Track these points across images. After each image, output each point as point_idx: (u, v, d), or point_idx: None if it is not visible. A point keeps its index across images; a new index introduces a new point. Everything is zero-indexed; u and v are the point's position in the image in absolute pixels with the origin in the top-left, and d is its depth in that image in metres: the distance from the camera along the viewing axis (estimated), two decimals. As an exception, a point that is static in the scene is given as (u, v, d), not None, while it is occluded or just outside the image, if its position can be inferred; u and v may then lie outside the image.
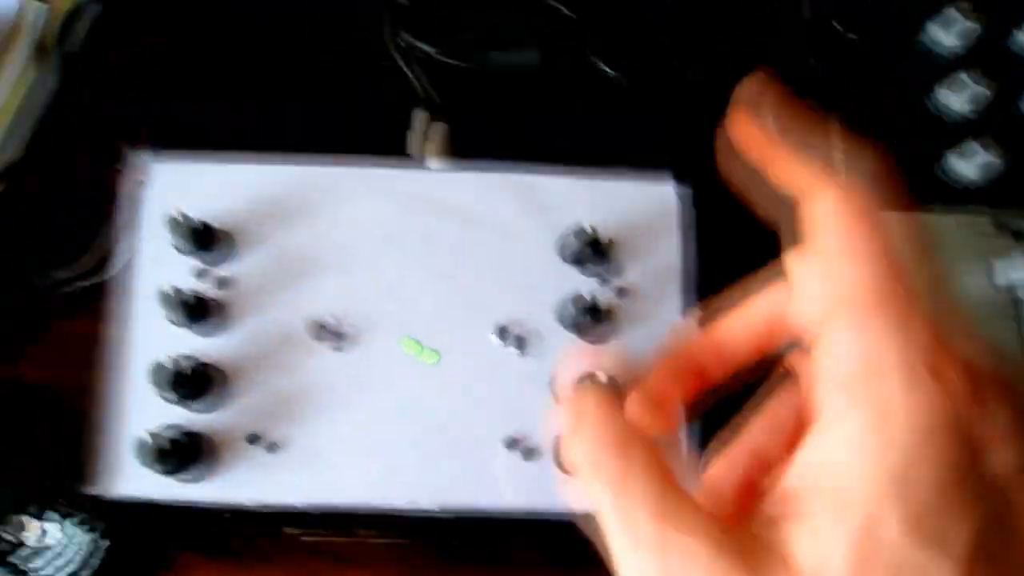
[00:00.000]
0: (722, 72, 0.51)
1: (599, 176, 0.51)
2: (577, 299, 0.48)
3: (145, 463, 0.45)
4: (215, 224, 0.49)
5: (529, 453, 0.47)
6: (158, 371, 0.46)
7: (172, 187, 0.51)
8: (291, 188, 0.51)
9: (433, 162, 0.54)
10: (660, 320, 0.49)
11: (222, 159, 0.52)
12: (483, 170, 0.52)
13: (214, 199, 0.51)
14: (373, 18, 0.58)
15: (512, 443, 0.48)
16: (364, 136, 0.55)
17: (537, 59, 0.57)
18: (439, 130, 0.55)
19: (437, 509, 0.47)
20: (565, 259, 0.50)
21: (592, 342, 0.49)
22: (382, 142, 0.55)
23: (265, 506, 0.47)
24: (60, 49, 0.59)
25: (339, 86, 0.58)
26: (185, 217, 0.48)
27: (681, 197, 0.51)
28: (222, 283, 0.49)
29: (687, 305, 0.49)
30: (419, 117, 0.56)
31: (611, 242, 0.49)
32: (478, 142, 0.55)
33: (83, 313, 0.51)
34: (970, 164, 0.56)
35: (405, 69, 0.57)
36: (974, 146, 0.56)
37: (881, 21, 0.58)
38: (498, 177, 0.51)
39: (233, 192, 0.51)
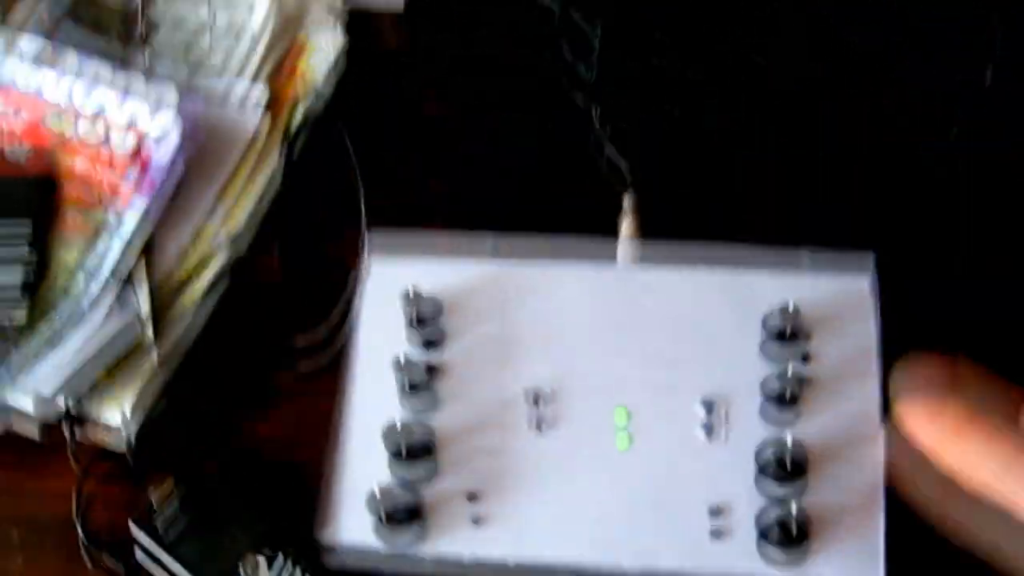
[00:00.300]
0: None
1: (795, 261, 0.54)
2: (778, 379, 0.50)
3: (372, 514, 0.48)
4: (438, 303, 0.54)
5: (729, 523, 0.49)
6: (389, 433, 0.50)
7: (393, 275, 0.56)
8: (502, 281, 0.56)
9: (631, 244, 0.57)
10: (855, 404, 0.51)
11: (439, 252, 0.57)
12: (683, 265, 0.55)
13: (432, 287, 0.55)
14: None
15: (716, 511, 0.49)
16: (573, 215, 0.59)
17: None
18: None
19: (640, 572, 0.49)
20: (766, 343, 0.52)
21: (789, 422, 0.50)
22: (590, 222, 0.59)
23: (478, 563, 0.49)
24: (285, 149, 0.66)
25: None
26: (416, 294, 0.53)
27: (873, 284, 0.53)
28: (439, 362, 0.54)
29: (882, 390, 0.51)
30: (629, 199, 0.59)
31: (810, 327, 0.51)
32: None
33: (317, 381, 0.56)
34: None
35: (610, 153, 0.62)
36: None
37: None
38: (698, 275, 0.55)
39: (449, 283, 0.55)
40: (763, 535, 0.48)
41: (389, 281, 0.55)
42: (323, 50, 0.71)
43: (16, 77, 0.69)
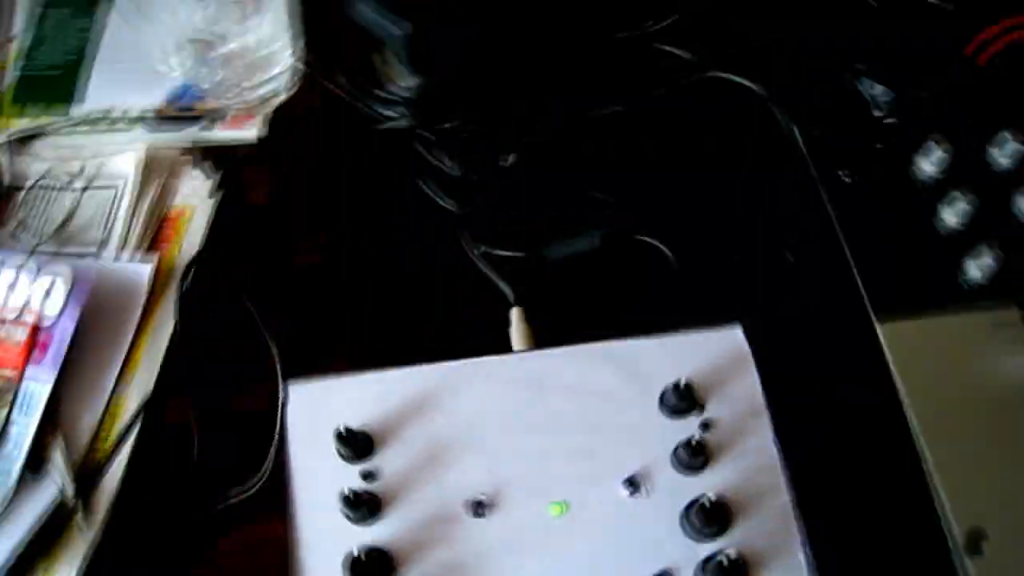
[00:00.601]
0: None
1: (676, 334, 0.61)
2: (686, 446, 0.56)
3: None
4: (358, 428, 0.58)
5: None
6: (349, 563, 0.53)
7: (311, 404, 0.59)
8: (413, 388, 0.60)
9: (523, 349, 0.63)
10: (754, 450, 0.58)
11: (349, 376, 0.61)
12: (577, 347, 0.61)
13: (349, 408, 0.59)
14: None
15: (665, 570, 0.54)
16: (466, 339, 0.64)
17: (599, 242, 0.68)
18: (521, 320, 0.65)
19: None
20: (666, 412, 0.59)
21: (704, 481, 0.56)
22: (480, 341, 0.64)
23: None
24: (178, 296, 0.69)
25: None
26: (348, 429, 0.56)
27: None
28: (374, 476, 0.57)
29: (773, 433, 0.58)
30: (515, 313, 0.65)
31: (702, 389, 0.58)
32: (559, 325, 0.64)
33: (259, 520, 0.59)
34: (978, 266, 0.66)
35: (490, 274, 0.68)
36: (982, 249, 0.66)
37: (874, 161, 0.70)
38: (592, 349, 0.61)
39: (363, 400, 0.60)
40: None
41: (307, 417, 0.59)
42: (200, 216, 0.74)
43: None
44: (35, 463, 0.63)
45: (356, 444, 0.57)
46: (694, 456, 0.56)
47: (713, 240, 0.68)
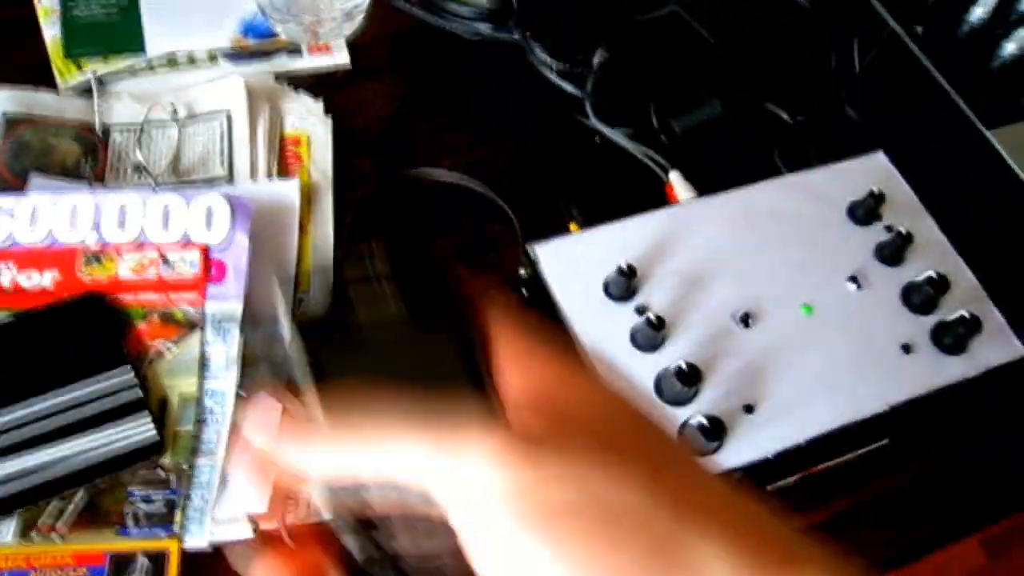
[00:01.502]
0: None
1: (834, 163, 0.71)
2: (888, 243, 0.66)
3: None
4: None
5: (909, 349, 0.64)
6: (675, 373, 0.58)
7: (562, 259, 0.64)
8: (644, 233, 0.66)
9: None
10: (931, 243, 0.69)
11: (583, 232, 0.65)
12: (763, 183, 0.69)
13: (598, 257, 0.64)
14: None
15: (906, 347, 0.64)
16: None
17: (720, 109, 0.76)
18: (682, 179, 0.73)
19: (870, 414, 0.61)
20: (855, 222, 0.68)
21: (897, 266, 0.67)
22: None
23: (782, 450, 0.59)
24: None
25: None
26: (629, 265, 0.61)
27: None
28: (646, 309, 0.62)
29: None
30: (675, 175, 0.72)
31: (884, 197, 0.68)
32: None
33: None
34: None
35: (635, 150, 0.74)
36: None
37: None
38: (775, 183, 0.69)
39: (608, 249, 0.64)
40: (938, 343, 0.63)
41: (568, 270, 0.63)
42: (318, 139, 0.74)
43: (15, 234, 0.64)
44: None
45: (630, 281, 0.61)
46: (896, 250, 0.66)
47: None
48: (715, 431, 0.56)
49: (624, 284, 0.60)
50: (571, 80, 0.76)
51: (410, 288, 0.36)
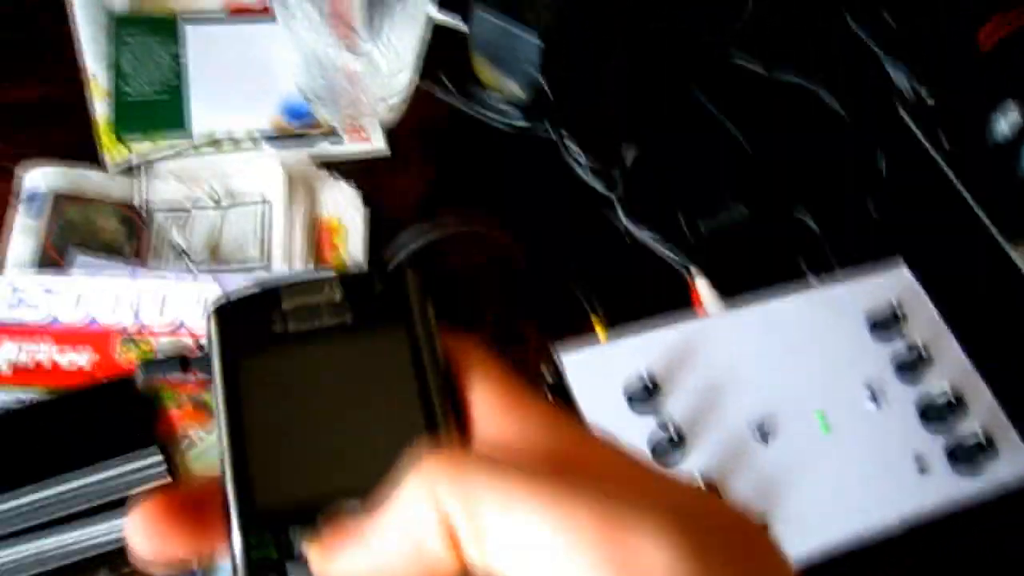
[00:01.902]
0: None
1: (855, 278, 0.72)
2: (906, 361, 0.68)
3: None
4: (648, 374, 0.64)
5: (924, 466, 0.65)
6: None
7: (588, 369, 0.65)
8: (666, 346, 0.67)
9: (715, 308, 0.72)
10: (951, 360, 0.70)
11: (610, 342, 0.67)
12: (785, 298, 0.71)
13: (622, 368, 0.65)
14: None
15: (922, 465, 0.65)
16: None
17: (746, 213, 0.78)
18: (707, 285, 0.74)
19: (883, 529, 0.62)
20: (875, 337, 0.70)
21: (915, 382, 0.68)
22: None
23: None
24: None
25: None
26: (652, 379, 0.62)
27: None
28: (666, 423, 0.63)
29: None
30: (700, 280, 0.74)
31: (904, 313, 0.70)
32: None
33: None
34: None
35: (658, 248, 0.76)
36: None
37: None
38: (798, 297, 0.71)
39: (631, 359, 0.66)
40: (953, 461, 0.64)
41: (591, 380, 0.65)
42: (354, 228, 0.76)
43: (58, 315, 0.66)
44: None
45: (652, 395, 0.62)
46: (914, 368, 0.67)
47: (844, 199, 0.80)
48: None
49: (646, 397, 0.62)
50: (601, 177, 0.78)
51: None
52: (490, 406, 0.28)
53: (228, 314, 0.29)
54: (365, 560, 0.25)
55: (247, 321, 0.29)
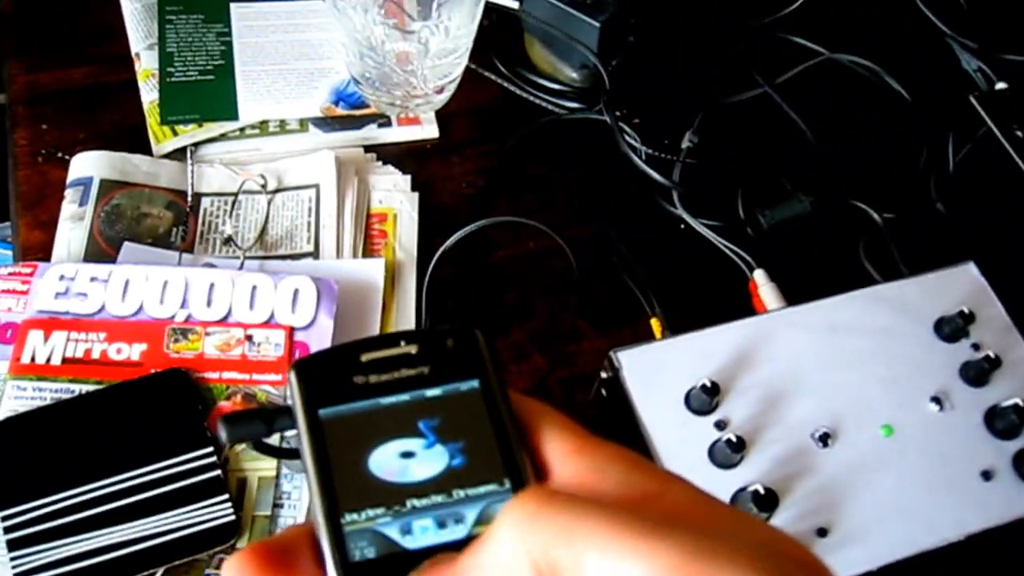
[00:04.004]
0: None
1: (923, 274, 0.70)
2: (974, 363, 0.65)
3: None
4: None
5: (989, 476, 0.63)
6: (751, 497, 0.57)
7: (644, 369, 0.63)
8: (727, 345, 0.65)
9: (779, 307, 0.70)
10: (1019, 362, 0.67)
11: (667, 340, 0.65)
12: (849, 294, 0.68)
13: (679, 368, 0.64)
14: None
15: (986, 474, 0.63)
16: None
17: (808, 206, 0.75)
18: (768, 280, 0.72)
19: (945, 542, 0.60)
20: (941, 338, 0.67)
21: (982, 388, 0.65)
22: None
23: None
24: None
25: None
26: (712, 382, 0.60)
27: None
28: (725, 424, 0.62)
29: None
30: (760, 275, 0.72)
31: (973, 316, 0.67)
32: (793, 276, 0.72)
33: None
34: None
35: (721, 243, 0.73)
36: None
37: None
38: (863, 294, 0.68)
39: (689, 360, 0.64)
40: (1020, 470, 0.62)
41: (648, 380, 0.63)
42: (404, 214, 0.74)
43: (107, 304, 0.65)
44: None
45: (712, 397, 0.61)
46: (982, 372, 0.65)
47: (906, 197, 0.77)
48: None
49: (706, 399, 0.60)
50: (658, 166, 0.75)
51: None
52: (565, 452, 0.28)
53: (309, 369, 0.30)
54: None
55: (328, 375, 0.29)
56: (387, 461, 0.28)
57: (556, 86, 0.80)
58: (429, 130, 0.78)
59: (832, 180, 0.76)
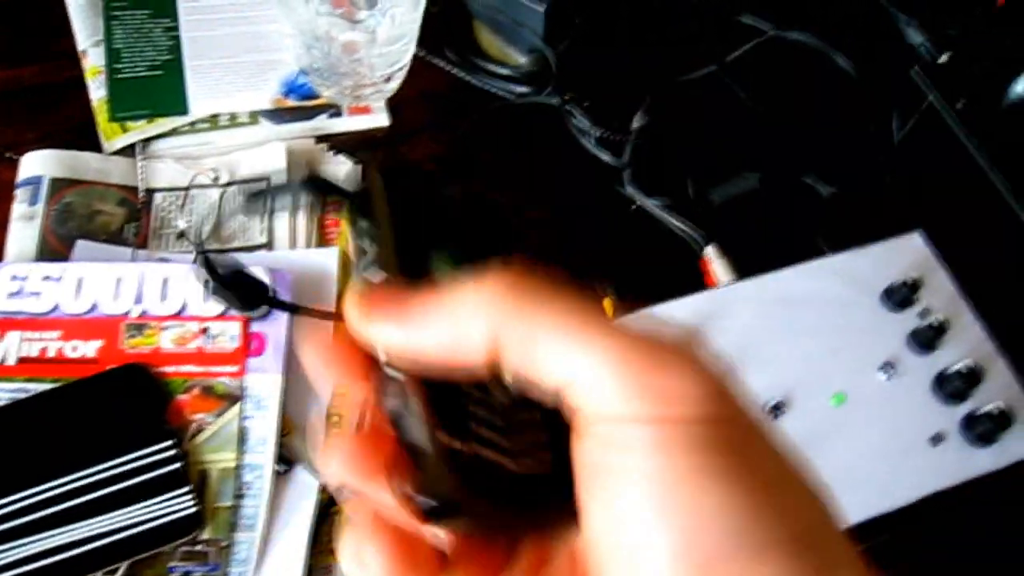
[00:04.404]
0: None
1: (869, 245, 0.71)
2: (922, 330, 0.66)
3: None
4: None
5: (939, 440, 0.64)
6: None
7: None
8: (680, 319, 0.66)
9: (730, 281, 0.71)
10: (967, 328, 0.69)
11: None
12: (800, 266, 0.70)
13: None
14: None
15: (936, 438, 0.64)
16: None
17: (757, 182, 0.76)
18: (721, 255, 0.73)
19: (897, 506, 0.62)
20: (889, 307, 0.69)
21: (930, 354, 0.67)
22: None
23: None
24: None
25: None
26: None
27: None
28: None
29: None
30: (712, 250, 0.73)
31: (920, 283, 0.69)
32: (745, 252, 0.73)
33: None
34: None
35: (671, 220, 0.74)
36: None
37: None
38: (812, 266, 0.69)
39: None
40: (969, 434, 0.63)
41: None
42: (357, 200, 0.74)
43: (60, 303, 0.65)
44: (280, 458, 0.63)
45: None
46: (929, 338, 0.66)
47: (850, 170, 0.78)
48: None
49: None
50: (609, 147, 0.76)
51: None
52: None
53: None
54: (402, 332, 0.28)
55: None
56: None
57: (506, 71, 0.81)
58: (380, 118, 0.78)
59: (781, 156, 0.77)
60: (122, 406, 0.63)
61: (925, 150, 0.79)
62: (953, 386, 0.65)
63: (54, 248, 0.68)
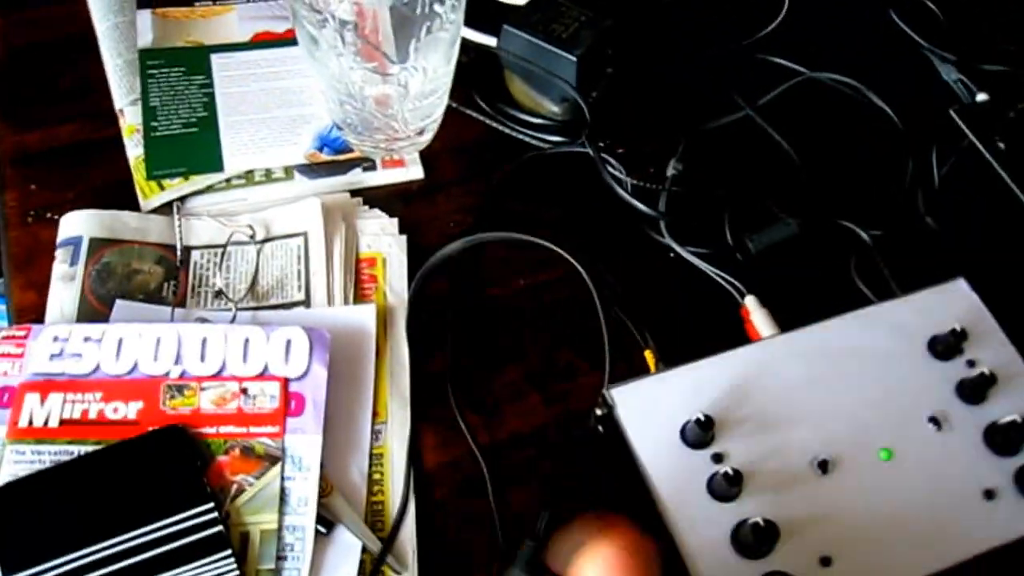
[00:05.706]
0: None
1: (913, 293, 0.70)
2: (970, 381, 0.65)
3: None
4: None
5: (992, 495, 0.63)
6: (751, 530, 0.57)
7: (639, 404, 0.63)
8: (721, 375, 0.65)
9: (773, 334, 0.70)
10: (1016, 377, 0.67)
11: (659, 374, 0.65)
12: (841, 318, 0.68)
13: (674, 401, 0.64)
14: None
15: (988, 493, 0.63)
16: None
17: (795, 228, 0.75)
18: (759, 307, 0.72)
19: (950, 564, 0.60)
20: (935, 356, 0.67)
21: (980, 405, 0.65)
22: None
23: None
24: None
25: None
26: (706, 415, 0.61)
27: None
28: (722, 457, 0.62)
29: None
30: (752, 301, 0.72)
31: (966, 333, 0.67)
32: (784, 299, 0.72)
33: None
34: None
35: (708, 269, 0.74)
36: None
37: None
38: (854, 316, 0.68)
39: (683, 392, 0.64)
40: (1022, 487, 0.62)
41: (643, 415, 0.63)
42: (393, 257, 0.75)
43: (101, 364, 0.65)
44: (320, 519, 0.62)
45: (707, 431, 0.61)
46: (978, 389, 0.65)
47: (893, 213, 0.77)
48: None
49: (701, 433, 0.60)
50: (644, 196, 0.76)
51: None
52: None
53: None
54: None
55: None
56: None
57: (538, 120, 0.81)
58: (414, 171, 0.78)
59: (818, 200, 0.76)
60: (162, 469, 0.63)
61: (966, 190, 0.78)
62: (1005, 438, 0.63)
63: (94, 308, 0.68)
